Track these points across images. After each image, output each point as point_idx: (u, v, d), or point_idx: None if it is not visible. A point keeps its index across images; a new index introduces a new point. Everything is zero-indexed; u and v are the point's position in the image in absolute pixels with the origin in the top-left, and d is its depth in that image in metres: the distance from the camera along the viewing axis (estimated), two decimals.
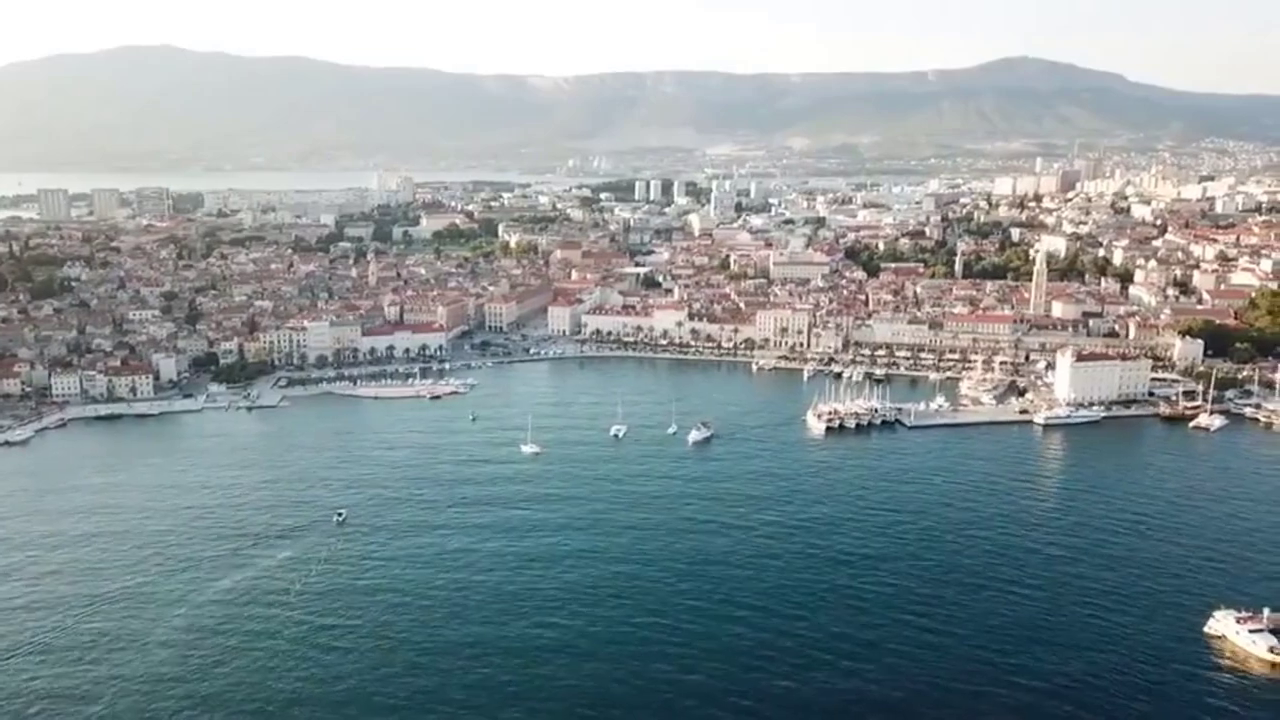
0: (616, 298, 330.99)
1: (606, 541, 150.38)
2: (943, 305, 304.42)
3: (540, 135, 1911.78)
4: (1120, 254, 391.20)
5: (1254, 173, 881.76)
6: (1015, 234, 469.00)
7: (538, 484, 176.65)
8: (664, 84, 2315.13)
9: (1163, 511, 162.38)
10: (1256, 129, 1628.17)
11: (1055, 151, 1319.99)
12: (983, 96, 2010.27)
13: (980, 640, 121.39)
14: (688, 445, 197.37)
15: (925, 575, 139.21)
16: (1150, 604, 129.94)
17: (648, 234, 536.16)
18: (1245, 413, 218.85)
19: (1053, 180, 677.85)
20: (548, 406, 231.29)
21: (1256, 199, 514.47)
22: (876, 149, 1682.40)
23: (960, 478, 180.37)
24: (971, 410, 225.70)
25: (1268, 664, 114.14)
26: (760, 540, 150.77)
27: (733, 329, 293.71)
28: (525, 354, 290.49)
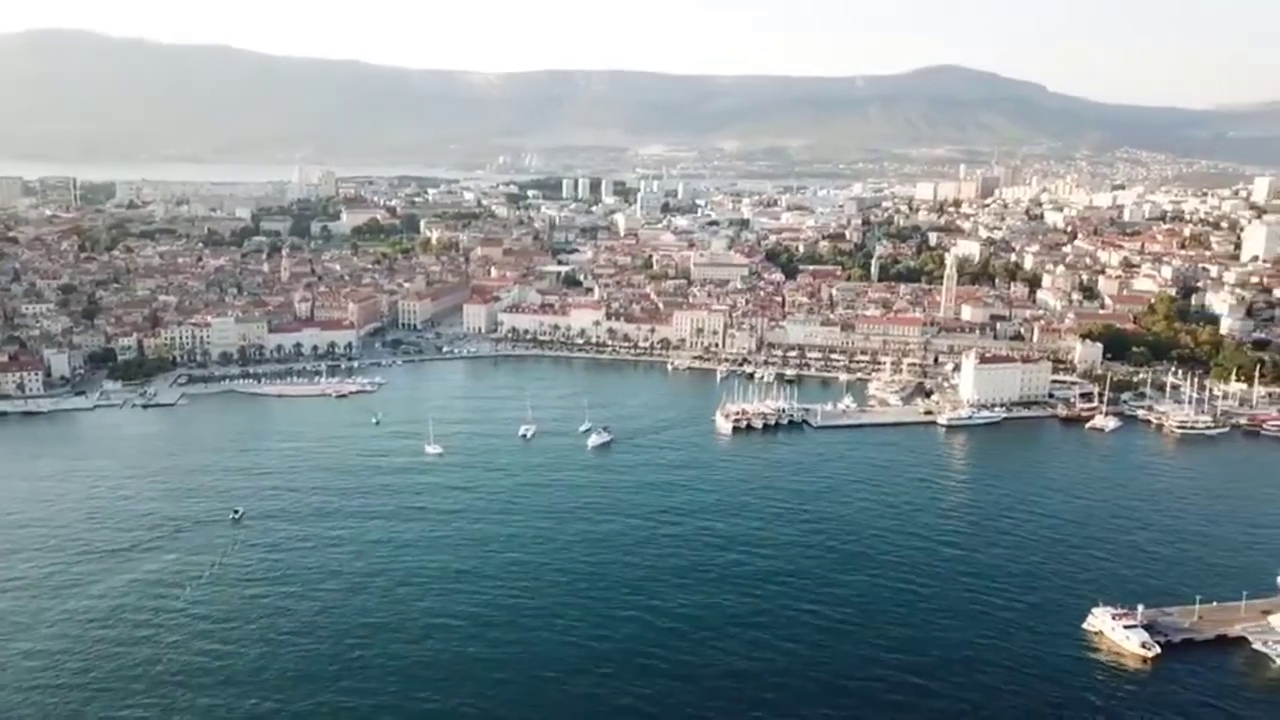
0: (535, 296, 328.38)
1: (497, 543, 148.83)
2: (856, 308, 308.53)
3: (471, 131, 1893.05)
4: (1031, 259, 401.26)
5: (1164, 182, 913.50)
6: (933, 238, 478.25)
7: (436, 485, 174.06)
8: (597, 83, 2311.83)
9: (1054, 510, 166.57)
10: (1169, 140, 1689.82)
11: (978, 158, 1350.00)
12: (910, 103, 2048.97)
13: (873, 634, 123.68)
14: (587, 449, 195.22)
15: (816, 572, 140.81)
16: (1036, 600, 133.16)
17: (573, 232, 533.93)
18: (1138, 414, 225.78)
19: (973, 186, 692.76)
20: (457, 406, 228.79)
21: (1162, 208, 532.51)
22: (806, 152, 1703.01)
23: (860, 477, 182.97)
24: (878, 411, 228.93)
25: (1140, 657, 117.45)
26: (655, 538, 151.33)
27: (650, 329, 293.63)
28: (438, 352, 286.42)
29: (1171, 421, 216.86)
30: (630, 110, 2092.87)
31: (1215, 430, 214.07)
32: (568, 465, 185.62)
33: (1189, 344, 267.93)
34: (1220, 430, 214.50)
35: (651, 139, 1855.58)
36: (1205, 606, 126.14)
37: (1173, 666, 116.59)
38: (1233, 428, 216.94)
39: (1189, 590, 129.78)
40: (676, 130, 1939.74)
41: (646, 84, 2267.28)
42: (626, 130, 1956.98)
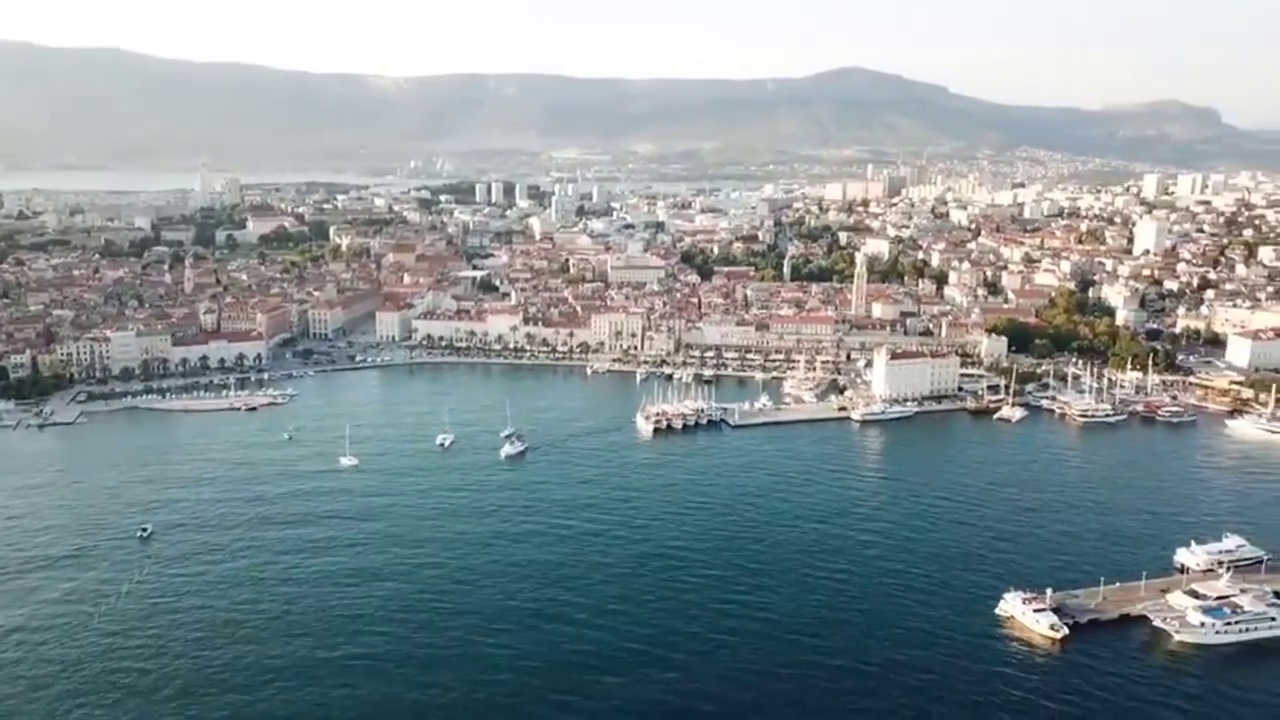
0: (450, 302, 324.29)
1: (415, 555, 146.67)
2: (770, 308, 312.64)
3: (380, 136, 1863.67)
4: (938, 256, 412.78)
5: (1061, 180, 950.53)
6: (843, 238, 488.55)
7: (351, 497, 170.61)
8: (507, 86, 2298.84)
9: (966, 500, 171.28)
10: (1065, 140, 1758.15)
11: (885, 158, 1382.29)
12: (818, 105, 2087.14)
13: (793, 626, 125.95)
14: (500, 458, 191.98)
15: (738, 567, 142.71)
16: (950, 588, 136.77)
17: (487, 237, 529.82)
18: (1043, 405, 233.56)
19: (880, 186, 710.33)
20: (373, 417, 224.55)
21: (1060, 205, 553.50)
22: (718, 154, 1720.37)
23: (778, 473, 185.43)
24: (793, 409, 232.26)
25: (1049, 639, 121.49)
26: (575, 541, 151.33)
27: (568, 333, 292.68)
28: (351, 362, 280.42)
29: (1074, 411, 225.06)
30: (543, 113, 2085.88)
31: (1114, 418, 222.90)
32: (483, 479, 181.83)
33: (1088, 335, 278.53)
34: (1119, 417, 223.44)
35: (565, 142, 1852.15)
36: (1109, 588, 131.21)
37: (1080, 646, 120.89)
38: (1130, 414, 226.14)
39: (1094, 572, 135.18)
40: (590, 133, 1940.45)
41: (558, 87, 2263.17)
42: (540, 133, 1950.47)
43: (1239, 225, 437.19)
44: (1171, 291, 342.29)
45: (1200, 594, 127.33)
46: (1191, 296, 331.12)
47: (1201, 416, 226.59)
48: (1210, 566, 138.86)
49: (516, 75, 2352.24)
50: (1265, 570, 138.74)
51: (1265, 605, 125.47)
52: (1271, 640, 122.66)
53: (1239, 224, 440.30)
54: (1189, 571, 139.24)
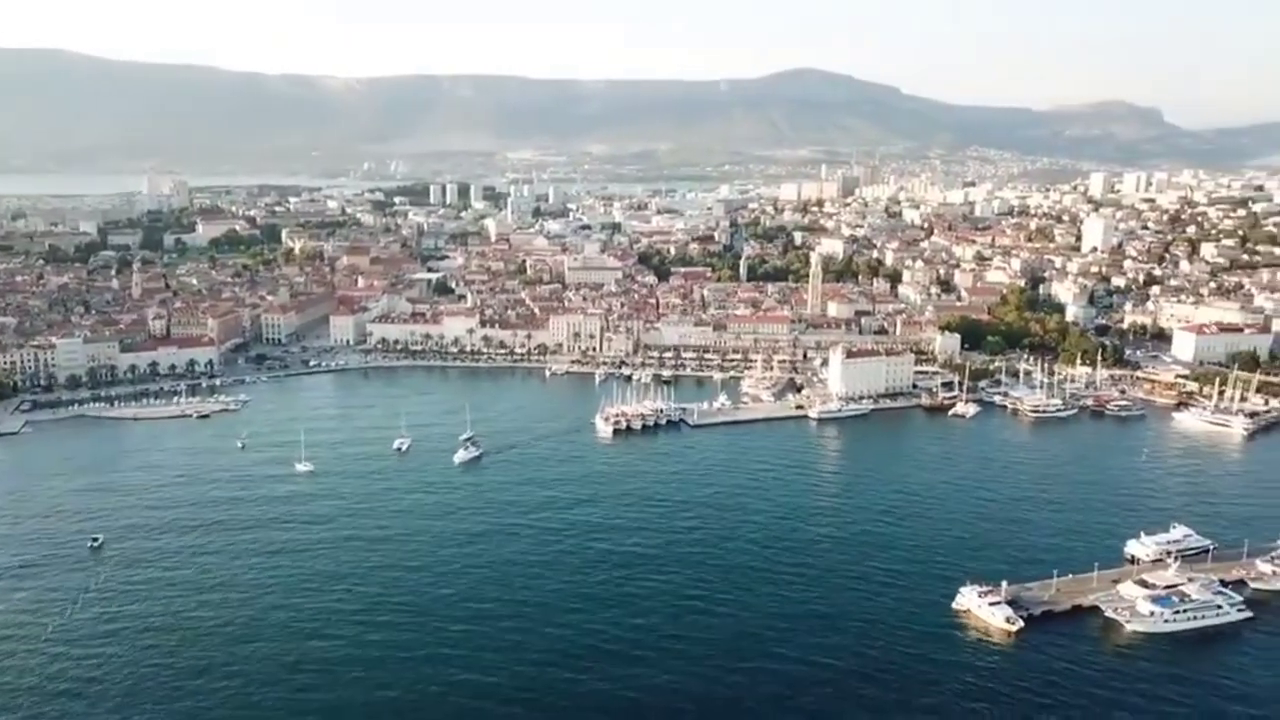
0: (405, 305, 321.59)
1: (370, 558, 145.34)
2: (727, 308, 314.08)
3: (332, 138, 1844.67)
4: (891, 255, 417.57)
5: (1010, 179, 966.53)
6: (798, 238, 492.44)
7: (308, 503, 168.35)
8: (461, 88, 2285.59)
9: (922, 496, 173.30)
10: (1014, 139, 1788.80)
11: (839, 159, 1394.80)
12: (772, 106, 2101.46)
13: (753, 621, 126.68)
14: (454, 465, 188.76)
15: (698, 565, 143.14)
16: (908, 582, 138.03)
17: (442, 239, 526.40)
18: (996, 400, 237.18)
19: (834, 186, 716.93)
20: (328, 421, 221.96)
21: (1010, 203, 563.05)
22: (673, 155, 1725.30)
23: (737, 471, 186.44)
24: (751, 407, 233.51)
25: (1005, 631, 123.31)
26: (533, 541, 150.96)
27: (526, 334, 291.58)
28: (305, 366, 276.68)
29: (1026, 406, 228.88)
30: (498, 115, 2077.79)
31: (1065, 412, 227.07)
32: (441, 482, 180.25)
33: (1038, 332, 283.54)
34: (1070, 412, 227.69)
35: (520, 143, 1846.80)
36: (1062, 580, 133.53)
37: (1035, 637, 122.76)
38: (1081, 409, 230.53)
39: (1048, 565, 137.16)
40: (545, 134, 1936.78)
41: (512, 88, 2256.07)
42: (495, 135, 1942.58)
43: (1182, 222, 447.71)
44: (1119, 288, 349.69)
45: (1150, 584, 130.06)
46: (1138, 293, 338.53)
47: (1149, 410, 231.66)
48: (1159, 557, 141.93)
49: (470, 76, 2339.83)
50: (1211, 559, 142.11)
51: (1211, 593, 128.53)
52: (1217, 627, 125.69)
53: (1182, 221, 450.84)
54: (1139, 562, 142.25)
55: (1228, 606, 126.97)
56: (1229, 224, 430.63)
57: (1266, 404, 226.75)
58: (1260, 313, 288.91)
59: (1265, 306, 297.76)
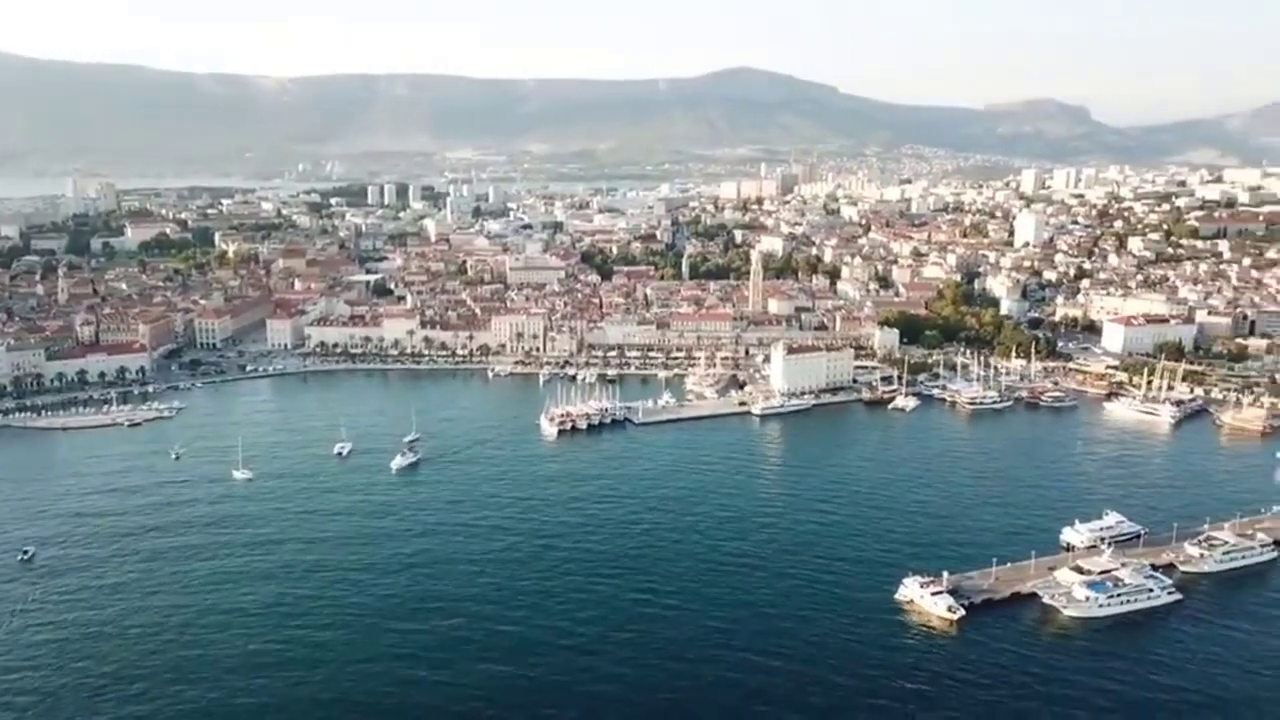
0: (344, 308, 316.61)
1: (310, 562, 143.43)
2: (670, 306, 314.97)
3: (266, 138, 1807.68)
4: (830, 252, 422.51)
5: (945, 176, 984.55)
6: (739, 236, 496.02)
7: (246, 511, 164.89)
8: (398, 87, 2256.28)
9: (864, 489, 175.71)
10: (948, 137, 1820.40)
11: (777, 157, 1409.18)
12: (711, 105, 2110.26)
13: (702, 619, 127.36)
14: (392, 472, 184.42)
15: (644, 563, 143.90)
16: (852, 574, 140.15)
17: (381, 240, 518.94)
18: (934, 394, 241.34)
19: (774, 184, 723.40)
20: (267, 427, 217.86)
21: (945, 200, 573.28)
22: (614, 154, 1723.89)
23: (682, 469, 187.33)
24: (696, 405, 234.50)
25: (947, 620, 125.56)
26: (478, 544, 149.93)
27: (468, 336, 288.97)
28: (242, 371, 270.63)
29: (963, 399, 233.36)
30: (436, 114, 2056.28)
31: (1001, 405, 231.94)
32: (379, 485, 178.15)
33: (974, 326, 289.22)
34: (1005, 404, 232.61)
35: (459, 143, 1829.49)
36: (1001, 568, 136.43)
37: (976, 625, 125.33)
38: (1016, 401, 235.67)
39: (987, 554, 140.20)
40: (484, 134, 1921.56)
41: (450, 87, 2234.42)
42: (433, 135, 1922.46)
43: (1110, 217, 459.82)
44: (1050, 281, 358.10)
45: (1085, 570, 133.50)
46: (1069, 286, 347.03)
47: (1081, 401, 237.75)
48: (1093, 543, 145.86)
49: (407, 75, 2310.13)
50: (1143, 544, 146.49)
51: (1143, 578, 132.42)
52: (1149, 609, 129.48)
53: (1110, 216, 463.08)
54: (1074, 549, 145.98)
55: (1158, 590, 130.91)
56: (1154, 218, 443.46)
57: (1191, 392, 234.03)
58: (1184, 304, 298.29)
59: (1189, 298, 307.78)
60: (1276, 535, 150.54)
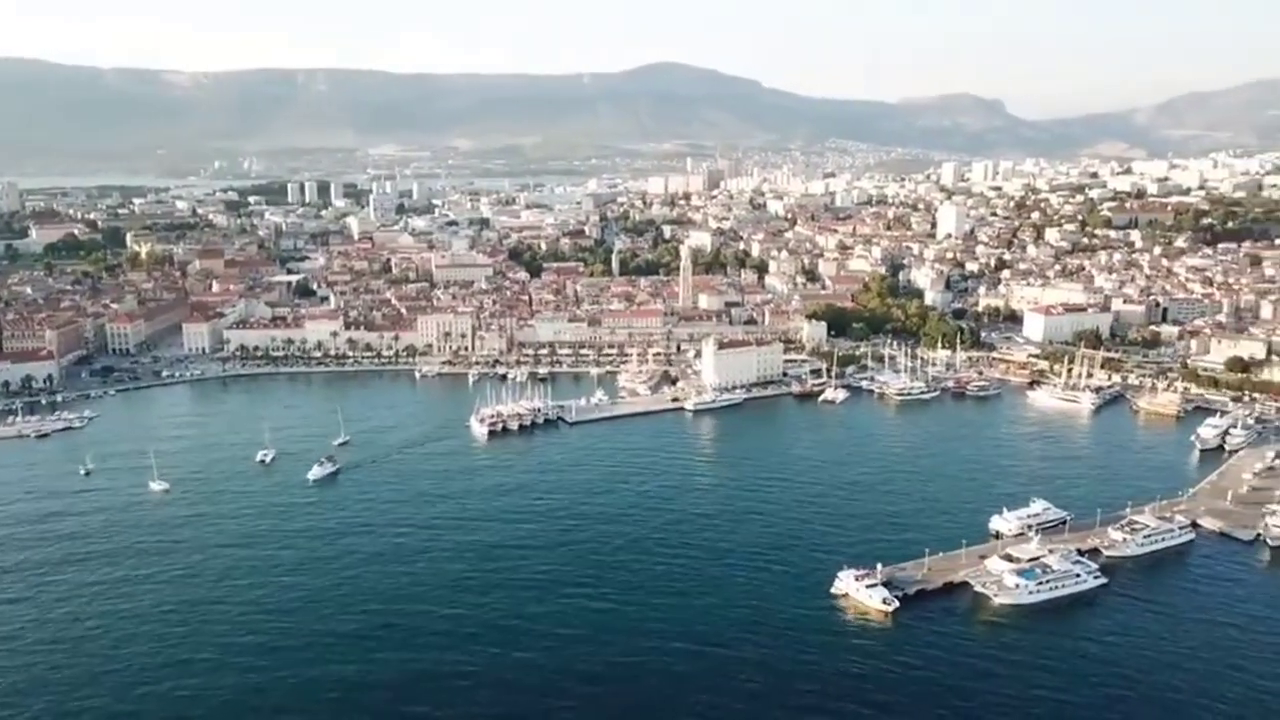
0: (264, 309, 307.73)
1: (230, 576, 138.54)
2: (601, 303, 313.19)
3: (180, 135, 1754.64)
4: (757, 246, 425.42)
5: (867, 169, 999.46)
6: (667, 231, 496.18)
7: (163, 524, 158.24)
8: (317, 82, 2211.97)
9: (797, 482, 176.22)
10: (869, 131, 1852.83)
11: (703, 152, 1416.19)
12: (636, 100, 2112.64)
13: (633, 614, 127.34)
14: (308, 483, 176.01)
15: (578, 559, 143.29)
16: (788, 569, 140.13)
17: (302, 239, 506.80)
18: (863, 386, 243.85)
19: (700, 179, 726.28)
20: (185, 435, 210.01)
21: (868, 193, 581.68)
22: (540, 150, 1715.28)
23: (616, 467, 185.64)
24: (629, 402, 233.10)
25: (882, 612, 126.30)
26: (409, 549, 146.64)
27: (393, 336, 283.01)
28: (157, 378, 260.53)
29: (891, 390, 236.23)
30: (357, 110, 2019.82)
31: (928, 395, 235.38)
32: (298, 495, 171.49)
33: (900, 317, 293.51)
34: (933, 394, 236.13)
35: (382, 139, 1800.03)
36: (933, 558, 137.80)
37: (911, 616, 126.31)
38: (942, 391, 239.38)
39: (919, 544, 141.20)
40: (408, 130, 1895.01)
41: (371, 83, 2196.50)
42: (356, 131, 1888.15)
43: (1027, 209, 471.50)
44: (973, 272, 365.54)
45: (1014, 557, 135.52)
46: (990, 276, 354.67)
47: (1005, 389, 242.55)
48: (1021, 530, 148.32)
49: (326, 70, 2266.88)
50: (1068, 530, 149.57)
51: (1070, 563, 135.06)
52: (1077, 594, 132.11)
53: (1027, 207, 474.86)
54: (1003, 537, 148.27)
55: (1085, 575, 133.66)
56: (1069, 209, 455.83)
57: (1109, 379, 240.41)
58: (1100, 293, 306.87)
59: (1104, 287, 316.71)
60: (1194, 516, 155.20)
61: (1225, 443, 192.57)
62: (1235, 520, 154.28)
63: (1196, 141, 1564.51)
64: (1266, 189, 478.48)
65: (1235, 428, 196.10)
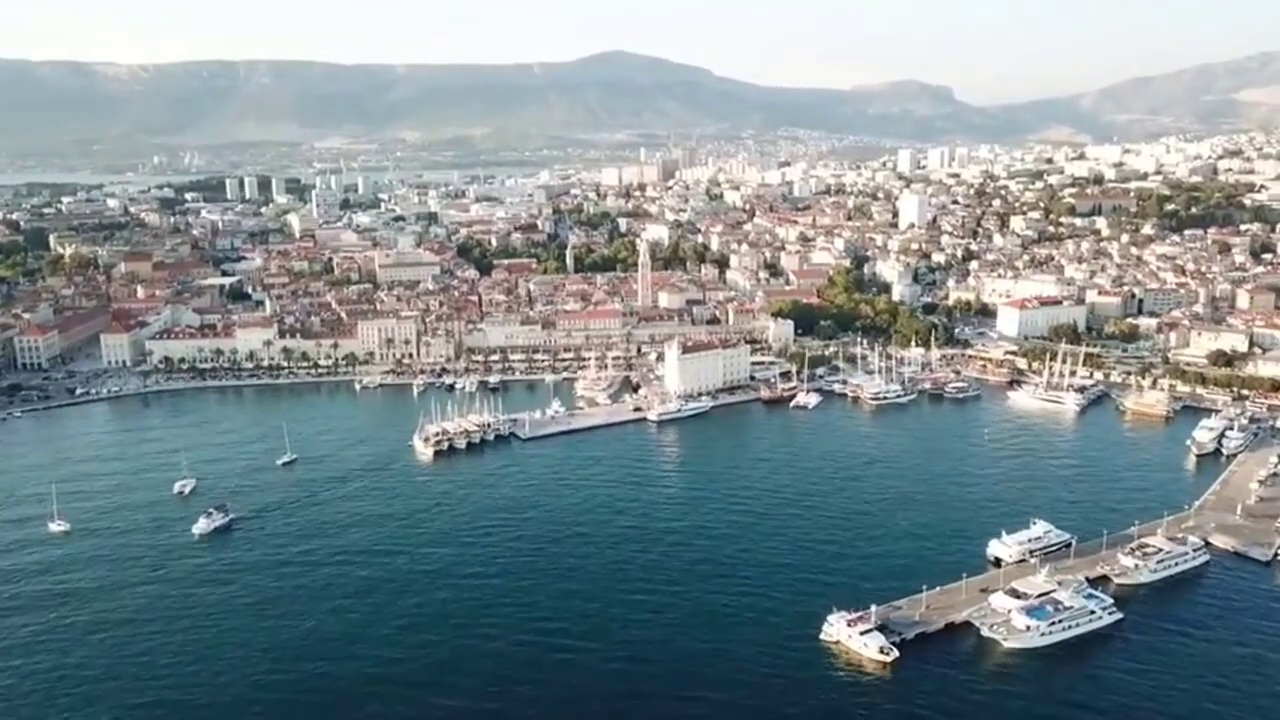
0: (192, 317, 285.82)
1: (119, 643, 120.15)
2: (555, 303, 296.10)
3: (116, 130, 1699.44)
4: (716, 239, 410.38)
5: (821, 157, 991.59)
6: (623, 224, 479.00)
7: (58, 576, 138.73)
8: (260, 74, 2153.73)
9: (773, 505, 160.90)
10: (822, 118, 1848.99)
11: (656, 141, 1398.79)
12: (586, 89, 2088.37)
13: (606, 660, 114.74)
14: (194, 538, 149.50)
15: (535, 599, 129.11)
16: (770, 613, 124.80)
17: (240, 238, 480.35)
18: (835, 389, 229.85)
19: (655, 170, 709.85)
20: (96, 464, 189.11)
21: (826, 182, 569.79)
22: (490, 140, 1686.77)
23: (576, 491, 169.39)
24: (587, 413, 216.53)
25: (880, 664, 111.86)
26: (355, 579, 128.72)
27: (332, 344, 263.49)
28: (70, 396, 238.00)
29: (866, 394, 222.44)
30: (302, 102, 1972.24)
31: (905, 398, 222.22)
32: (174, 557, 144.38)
33: (869, 314, 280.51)
34: (909, 397, 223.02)
35: (329, 132, 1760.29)
36: (931, 593, 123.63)
37: (911, 666, 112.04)
38: (919, 393, 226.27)
39: (912, 575, 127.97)
40: (355, 122, 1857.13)
41: (316, 74, 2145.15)
42: (300, 124, 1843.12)
43: (988, 196, 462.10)
44: (939, 264, 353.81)
45: (1020, 593, 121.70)
46: (958, 268, 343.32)
47: (984, 389, 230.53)
48: (1022, 556, 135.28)
49: (269, 61, 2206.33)
50: (1074, 555, 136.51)
51: (1083, 598, 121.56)
52: (1091, 634, 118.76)
53: (988, 195, 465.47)
54: (1003, 564, 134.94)
55: (1099, 611, 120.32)
56: (1030, 196, 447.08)
57: (1091, 376, 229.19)
58: (1073, 284, 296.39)
59: (1075, 277, 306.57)
60: (1205, 534, 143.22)
61: (1222, 446, 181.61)
62: (1249, 538, 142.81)
63: (1140, 125, 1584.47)
64: (1221, 173, 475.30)
65: (1231, 430, 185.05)
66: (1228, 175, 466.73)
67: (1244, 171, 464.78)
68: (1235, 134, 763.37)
